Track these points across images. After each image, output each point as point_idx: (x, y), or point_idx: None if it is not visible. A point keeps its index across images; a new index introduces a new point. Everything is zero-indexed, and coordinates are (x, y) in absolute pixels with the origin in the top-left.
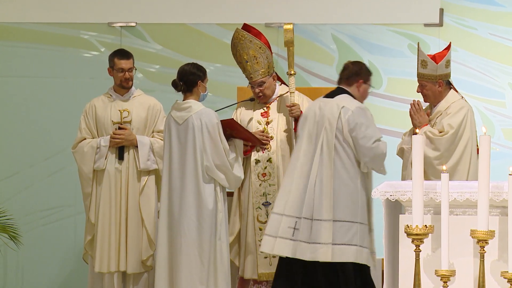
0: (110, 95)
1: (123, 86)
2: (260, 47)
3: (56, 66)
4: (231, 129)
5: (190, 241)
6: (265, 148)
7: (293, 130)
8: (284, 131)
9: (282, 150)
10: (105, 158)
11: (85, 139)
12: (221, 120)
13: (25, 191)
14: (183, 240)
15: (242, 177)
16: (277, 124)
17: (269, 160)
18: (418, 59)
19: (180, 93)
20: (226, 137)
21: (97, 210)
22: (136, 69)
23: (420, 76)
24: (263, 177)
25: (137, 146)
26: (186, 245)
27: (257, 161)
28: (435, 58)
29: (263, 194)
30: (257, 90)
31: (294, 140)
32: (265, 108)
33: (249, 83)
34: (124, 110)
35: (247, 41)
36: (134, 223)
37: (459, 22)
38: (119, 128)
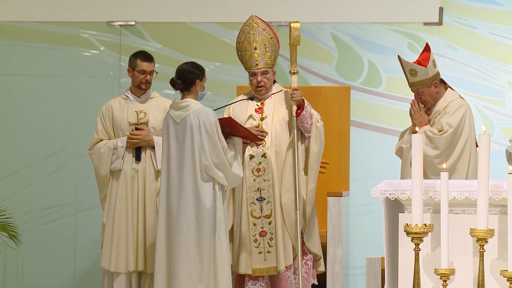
0: (127, 96)
1: (140, 88)
2: (271, 37)
3: (56, 64)
4: (230, 128)
5: (189, 240)
6: (260, 143)
7: (295, 116)
8: (284, 125)
9: (276, 146)
10: (122, 159)
11: (101, 140)
12: (219, 119)
13: (25, 190)
14: (182, 239)
15: (242, 175)
16: (272, 120)
17: (264, 155)
18: (405, 69)
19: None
20: (225, 136)
21: (113, 210)
22: (157, 73)
23: (413, 85)
24: (258, 172)
25: (154, 147)
26: (185, 244)
27: (252, 157)
28: (420, 62)
29: (258, 189)
30: (259, 78)
31: (295, 131)
32: (259, 104)
33: (250, 72)
34: (140, 112)
35: (260, 29)
36: (151, 223)
37: (459, 21)
38: (136, 129)
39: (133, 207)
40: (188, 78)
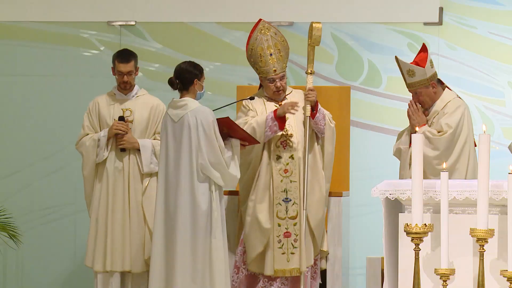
0: (114, 93)
1: (121, 88)
2: (283, 40)
3: (56, 64)
4: (228, 128)
5: (185, 240)
6: (287, 144)
7: (310, 117)
8: (302, 125)
9: (302, 146)
10: (105, 150)
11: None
12: (217, 119)
13: (25, 190)
14: (178, 239)
15: (238, 176)
16: (295, 121)
17: (291, 157)
18: (403, 70)
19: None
20: (223, 136)
21: (97, 209)
22: (137, 70)
23: (411, 86)
24: (285, 173)
25: (139, 150)
26: (181, 244)
27: (279, 157)
28: (418, 63)
29: (284, 190)
30: (278, 84)
31: (310, 131)
32: (277, 106)
33: (268, 78)
34: (126, 109)
35: (272, 33)
36: (136, 223)
37: (459, 20)
38: (120, 118)
39: (114, 207)
40: (186, 78)
